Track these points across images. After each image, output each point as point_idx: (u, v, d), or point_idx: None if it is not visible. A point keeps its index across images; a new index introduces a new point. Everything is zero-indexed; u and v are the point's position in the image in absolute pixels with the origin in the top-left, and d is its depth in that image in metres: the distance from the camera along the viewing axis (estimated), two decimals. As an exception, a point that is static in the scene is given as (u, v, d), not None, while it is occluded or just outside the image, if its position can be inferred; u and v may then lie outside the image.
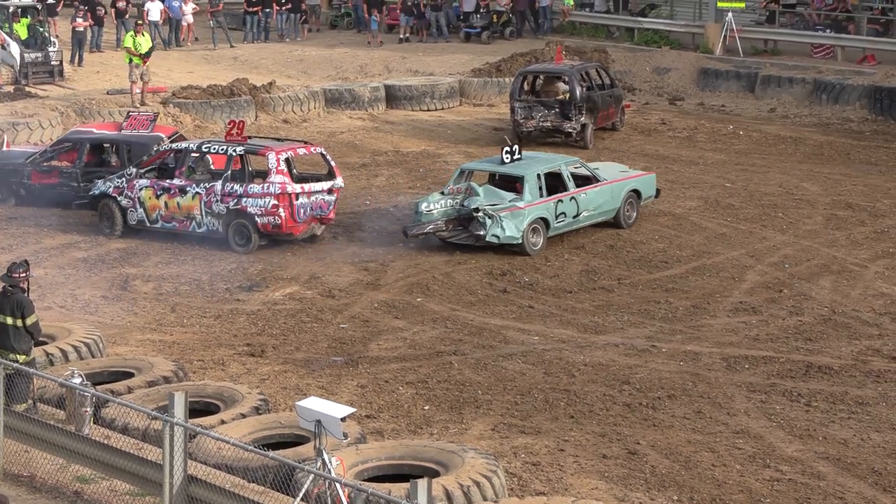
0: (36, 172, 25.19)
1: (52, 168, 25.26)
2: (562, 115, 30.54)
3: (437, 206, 22.83)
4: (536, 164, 23.38)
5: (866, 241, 23.25)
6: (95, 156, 25.34)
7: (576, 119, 30.46)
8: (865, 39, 38.62)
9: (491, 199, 22.61)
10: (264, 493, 12.09)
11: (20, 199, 25.31)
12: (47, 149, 25.95)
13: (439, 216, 22.74)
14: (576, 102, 30.50)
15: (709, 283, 20.95)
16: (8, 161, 25.74)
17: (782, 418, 15.63)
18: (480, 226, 22.17)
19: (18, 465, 13.25)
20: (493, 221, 22.09)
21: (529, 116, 30.77)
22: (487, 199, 22.58)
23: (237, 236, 22.61)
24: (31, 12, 38.39)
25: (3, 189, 25.42)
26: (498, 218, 22.09)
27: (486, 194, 22.73)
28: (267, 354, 17.82)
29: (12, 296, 14.23)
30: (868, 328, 18.91)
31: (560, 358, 17.65)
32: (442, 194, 23.06)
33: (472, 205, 22.43)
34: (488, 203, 22.42)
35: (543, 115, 30.69)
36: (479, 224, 22.21)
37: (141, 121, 25.58)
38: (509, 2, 44.65)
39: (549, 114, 30.66)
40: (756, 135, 32.57)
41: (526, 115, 30.79)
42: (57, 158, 25.46)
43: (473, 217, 22.34)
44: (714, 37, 39.92)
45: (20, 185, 25.26)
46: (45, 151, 25.76)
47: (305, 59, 42.13)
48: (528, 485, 13.80)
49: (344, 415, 11.55)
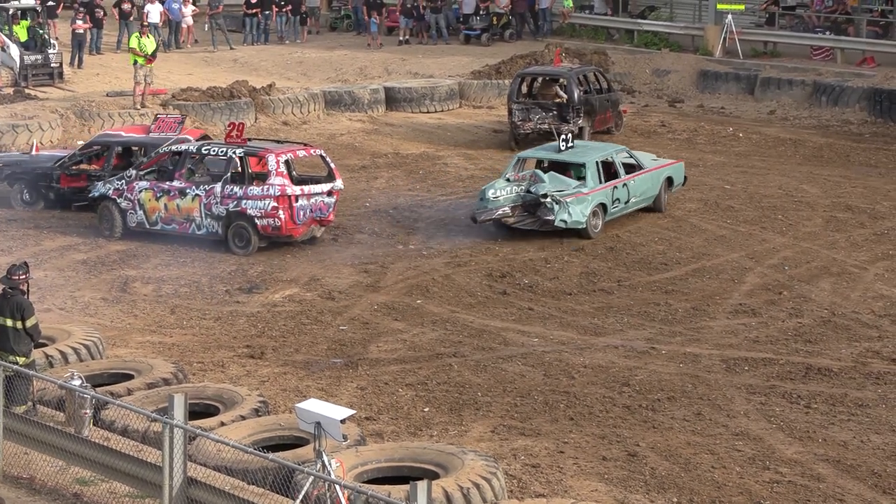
0: (65, 176, 25.05)
1: (81, 171, 25.11)
2: (559, 118, 30.40)
3: (504, 193, 23.45)
4: (593, 152, 24.57)
5: (866, 243, 23.25)
6: (124, 159, 25.21)
7: (573, 122, 30.39)
8: (865, 41, 38.65)
9: (556, 186, 23.48)
10: (264, 496, 12.09)
11: (49, 202, 25.21)
12: (76, 152, 25.84)
13: (505, 202, 23.37)
14: (574, 105, 30.49)
15: (708, 285, 20.95)
16: (37, 164, 25.59)
17: (782, 420, 15.63)
18: (549, 211, 23.06)
19: (18, 467, 13.25)
20: (560, 207, 23.00)
21: (527, 119, 30.71)
22: (553, 186, 23.41)
23: (237, 238, 22.61)
24: (31, 14, 38.38)
25: (33, 192, 25.34)
26: (565, 203, 23.01)
27: (550, 181, 23.55)
28: (266, 356, 17.82)
29: (12, 298, 14.23)
30: (868, 330, 18.90)
31: (560, 360, 17.65)
32: (507, 181, 23.72)
33: (540, 191, 23.21)
34: (555, 189, 23.27)
35: (541, 117, 30.61)
36: (547, 209, 23.09)
37: (169, 123, 25.48)
38: (509, 4, 44.66)
39: (547, 116, 30.56)
40: (756, 137, 32.59)
41: (524, 118, 30.73)
42: (86, 162, 25.34)
43: (541, 203, 23.16)
44: (714, 39, 39.94)
45: (49, 188, 25.14)
46: (73, 155, 25.65)
47: (305, 62, 42.14)
48: (528, 487, 13.79)
49: (343, 417, 11.56)
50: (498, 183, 23.66)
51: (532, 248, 22.90)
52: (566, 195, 23.17)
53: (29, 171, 25.57)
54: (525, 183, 23.55)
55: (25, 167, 25.65)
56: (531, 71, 32.89)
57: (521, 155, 24.98)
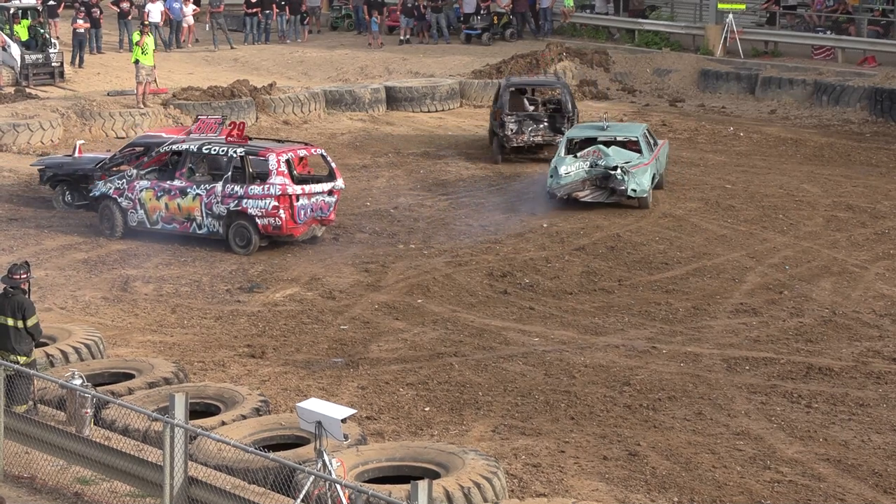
0: (106, 177, 24.52)
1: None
2: (552, 129, 29.26)
3: (574, 168, 25.05)
4: (634, 129, 26.77)
5: (867, 242, 23.25)
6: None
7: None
8: (866, 41, 38.65)
9: (622, 158, 25.17)
10: (265, 495, 12.09)
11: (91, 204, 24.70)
12: (116, 154, 25.63)
13: (577, 177, 24.97)
14: (569, 115, 29.49)
15: (709, 285, 20.95)
16: (79, 166, 25.37)
17: (783, 420, 15.62)
18: (620, 182, 24.78)
19: (19, 466, 13.24)
20: (629, 176, 24.81)
21: (521, 131, 29.25)
22: (619, 158, 25.08)
23: (238, 238, 22.61)
24: (32, 14, 38.41)
25: (75, 194, 25.18)
26: (632, 173, 24.86)
27: (615, 154, 25.19)
28: (267, 356, 17.82)
29: (13, 297, 14.23)
30: (868, 330, 18.90)
31: (560, 359, 17.65)
32: (574, 157, 25.18)
33: (610, 164, 24.88)
34: (622, 161, 25.00)
35: (534, 129, 29.35)
36: (618, 180, 24.79)
37: (209, 124, 25.01)
38: (510, 3, 44.67)
39: (539, 128, 29.36)
40: (756, 136, 32.58)
41: (518, 130, 29.23)
42: (126, 163, 24.92)
43: (610, 175, 24.79)
44: (715, 38, 39.94)
45: (90, 190, 24.58)
46: (113, 156, 25.41)
47: (306, 61, 42.15)
48: (529, 486, 13.79)
49: (344, 416, 11.55)
50: (568, 159, 25.15)
51: (533, 247, 22.90)
52: (632, 166, 25.00)
53: (71, 172, 25.35)
54: (591, 158, 25.06)
55: (67, 169, 25.45)
56: (521, 81, 31.68)
57: (570, 135, 26.44)
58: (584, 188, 25.03)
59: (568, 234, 23.58)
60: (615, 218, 24.69)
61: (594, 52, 39.73)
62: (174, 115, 32.46)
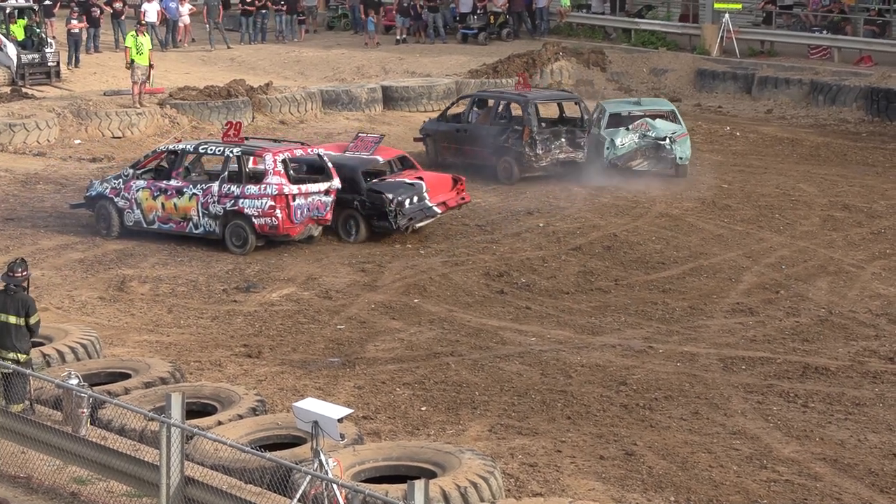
0: None
1: None
2: (572, 145, 27.56)
3: (628, 140, 27.36)
4: (663, 103, 29.81)
5: (863, 242, 23.27)
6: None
7: (585, 147, 27.65)
8: (862, 41, 38.69)
9: (668, 129, 27.55)
10: (261, 495, 12.08)
11: None
12: None
13: (630, 148, 27.30)
14: (588, 129, 27.86)
15: (706, 284, 20.96)
16: None
17: (779, 419, 15.63)
18: (669, 151, 27.31)
19: (15, 466, 13.23)
20: (676, 146, 27.34)
21: (548, 149, 27.30)
22: (666, 130, 27.48)
23: (234, 237, 22.60)
24: (28, 13, 38.39)
25: None
26: (678, 142, 27.42)
27: (661, 126, 27.60)
28: (264, 355, 17.81)
29: (16, 294, 14.30)
30: (865, 329, 18.91)
31: (557, 359, 17.65)
32: (627, 130, 27.43)
33: (660, 135, 27.36)
34: (669, 132, 27.39)
35: (556, 145, 27.40)
36: (667, 150, 27.31)
37: (367, 142, 24.38)
38: (506, 3, 44.67)
39: (561, 144, 27.46)
40: (753, 136, 32.61)
41: (547, 148, 27.26)
42: None
43: (660, 145, 27.26)
44: (711, 38, 39.95)
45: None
46: None
47: (302, 61, 42.14)
48: (525, 486, 13.79)
49: (341, 416, 11.55)
50: (620, 132, 27.38)
51: (529, 247, 22.91)
52: (677, 135, 27.47)
53: None
54: (640, 130, 27.39)
55: None
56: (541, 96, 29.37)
57: (611, 111, 28.19)
58: (637, 158, 27.33)
59: (564, 233, 23.59)
60: (611, 217, 24.71)
61: (591, 52, 39.74)
62: (170, 115, 32.45)
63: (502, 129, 27.90)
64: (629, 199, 25.99)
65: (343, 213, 23.08)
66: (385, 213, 22.82)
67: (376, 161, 24.05)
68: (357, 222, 23.11)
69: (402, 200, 22.90)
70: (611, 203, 25.76)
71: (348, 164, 23.52)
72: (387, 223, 22.89)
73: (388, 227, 22.92)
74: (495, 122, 28.21)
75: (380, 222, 22.98)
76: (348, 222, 23.16)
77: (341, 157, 23.77)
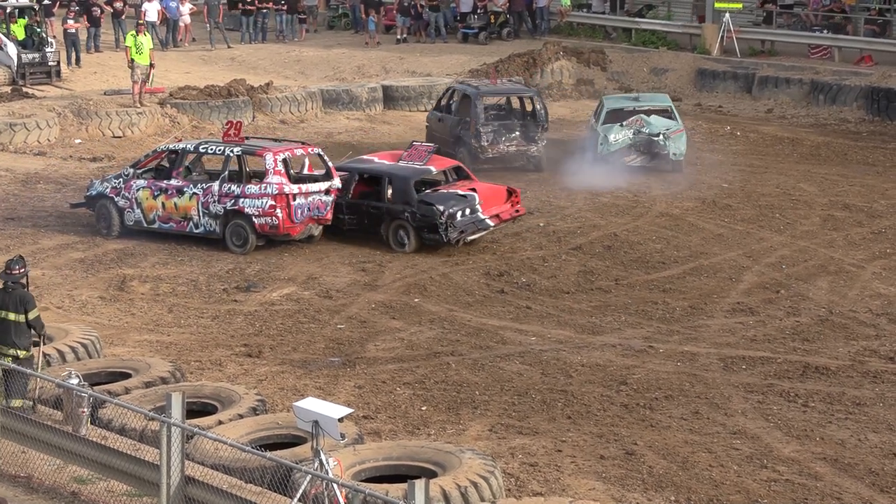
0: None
1: None
2: (526, 139, 28.40)
3: (621, 136, 27.79)
4: (662, 98, 30.17)
5: (863, 241, 23.26)
6: (367, 186, 23.38)
7: (540, 141, 28.47)
8: (862, 40, 38.68)
9: (663, 125, 27.99)
10: (262, 494, 12.08)
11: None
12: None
13: (623, 144, 27.75)
14: (543, 124, 28.63)
15: (706, 284, 20.96)
16: None
17: (779, 419, 15.63)
18: (662, 147, 27.70)
19: (15, 465, 13.24)
20: (670, 141, 27.71)
21: (496, 141, 28.29)
22: (659, 126, 27.89)
23: (234, 237, 22.61)
24: (28, 13, 38.39)
25: None
26: (672, 139, 27.75)
27: (655, 122, 28.01)
28: (264, 355, 17.81)
29: (14, 291, 14.39)
30: (865, 329, 18.91)
31: (557, 359, 17.65)
32: (621, 126, 27.84)
33: (654, 131, 27.80)
34: (663, 128, 27.82)
35: (507, 138, 28.39)
36: (660, 145, 27.71)
37: (420, 152, 23.94)
38: (507, 2, 44.67)
39: (513, 137, 28.44)
40: (753, 135, 32.60)
41: (493, 140, 28.26)
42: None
43: (653, 141, 27.67)
44: (711, 38, 39.95)
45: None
46: None
47: (303, 60, 42.14)
48: (526, 485, 13.79)
49: (341, 415, 11.55)
50: (615, 128, 27.81)
51: (529, 246, 22.91)
52: (671, 131, 27.83)
53: None
54: (635, 126, 27.80)
55: None
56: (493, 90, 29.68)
57: (610, 106, 28.70)
58: (630, 153, 27.77)
59: (565, 233, 23.59)
60: (612, 217, 24.71)
61: (591, 52, 39.74)
62: (171, 115, 32.46)
63: (458, 120, 28.94)
64: (629, 199, 25.99)
65: (393, 224, 22.58)
66: (436, 225, 22.14)
67: (429, 171, 23.49)
68: (407, 233, 22.49)
69: (453, 213, 22.20)
70: (611, 203, 25.77)
71: (400, 173, 23.04)
72: (437, 236, 22.19)
73: (438, 240, 22.28)
74: (456, 114, 29.20)
75: (430, 234, 22.29)
76: (398, 233, 22.59)
77: (393, 167, 23.34)
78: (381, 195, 22.89)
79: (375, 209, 22.87)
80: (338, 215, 23.03)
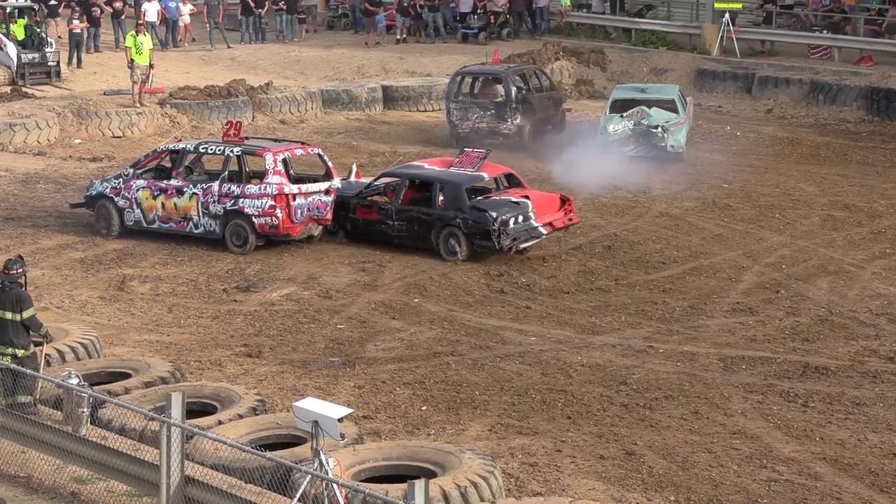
0: (360, 206, 23.07)
1: (374, 203, 23.12)
2: (497, 117, 30.63)
3: (620, 127, 28.50)
4: (670, 90, 30.48)
5: (863, 241, 23.27)
6: (418, 193, 23.03)
7: (511, 120, 30.54)
8: (862, 40, 38.70)
9: (662, 117, 28.56)
10: (261, 494, 12.09)
11: (347, 233, 23.22)
12: (371, 182, 23.69)
13: (622, 134, 28.41)
14: (511, 104, 30.50)
15: (706, 284, 20.96)
16: (344, 193, 23.15)
17: (779, 419, 15.63)
18: (660, 139, 28.28)
19: (15, 465, 13.24)
20: (669, 134, 28.29)
21: (465, 118, 30.84)
22: (660, 118, 28.49)
23: (234, 237, 22.61)
24: (28, 13, 38.40)
25: (335, 221, 23.13)
26: (671, 131, 28.32)
27: (655, 114, 28.58)
28: (264, 355, 17.81)
29: (10, 291, 14.41)
30: (865, 329, 18.92)
31: (557, 359, 17.66)
32: (621, 117, 28.55)
33: (652, 123, 28.37)
34: (663, 120, 28.40)
35: (479, 116, 30.77)
36: (658, 137, 28.28)
37: (472, 158, 23.44)
38: (506, 2, 44.67)
39: (485, 115, 30.73)
40: (753, 135, 32.60)
41: (462, 117, 30.89)
42: (382, 193, 23.37)
43: (651, 132, 28.25)
44: (711, 38, 39.95)
45: (347, 218, 23.18)
46: (369, 184, 23.54)
47: (302, 60, 42.15)
48: (525, 485, 13.79)
49: (341, 415, 11.55)
50: (615, 119, 28.56)
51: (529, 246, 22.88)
52: (671, 124, 28.41)
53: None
54: (635, 117, 28.39)
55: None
56: (469, 70, 32.37)
57: (616, 97, 29.74)
58: (629, 144, 28.35)
59: (564, 232, 23.57)
60: (612, 217, 24.71)
61: (591, 52, 39.75)
62: (171, 115, 32.46)
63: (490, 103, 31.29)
64: (629, 199, 26.00)
65: (444, 231, 22.14)
66: (488, 232, 21.60)
67: (481, 177, 23.04)
68: (459, 241, 22.01)
69: (506, 220, 21.79)
70: (611, 203, 25.77)
71: (452, 180, 22.62)
72: (490, 243, 21.75)
73: (490, 248, 21.88)
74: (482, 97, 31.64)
75: (482, 242, 21.78)
76: (449, 240, 22.13)
77: (445, 173, 22.97)
78: (433, 202, 22.49)
79: (426, 216, 22.43)
80: (387, 222, 22.69)
